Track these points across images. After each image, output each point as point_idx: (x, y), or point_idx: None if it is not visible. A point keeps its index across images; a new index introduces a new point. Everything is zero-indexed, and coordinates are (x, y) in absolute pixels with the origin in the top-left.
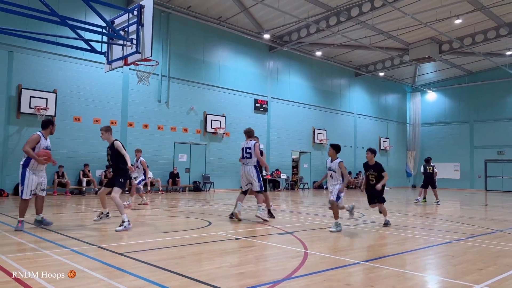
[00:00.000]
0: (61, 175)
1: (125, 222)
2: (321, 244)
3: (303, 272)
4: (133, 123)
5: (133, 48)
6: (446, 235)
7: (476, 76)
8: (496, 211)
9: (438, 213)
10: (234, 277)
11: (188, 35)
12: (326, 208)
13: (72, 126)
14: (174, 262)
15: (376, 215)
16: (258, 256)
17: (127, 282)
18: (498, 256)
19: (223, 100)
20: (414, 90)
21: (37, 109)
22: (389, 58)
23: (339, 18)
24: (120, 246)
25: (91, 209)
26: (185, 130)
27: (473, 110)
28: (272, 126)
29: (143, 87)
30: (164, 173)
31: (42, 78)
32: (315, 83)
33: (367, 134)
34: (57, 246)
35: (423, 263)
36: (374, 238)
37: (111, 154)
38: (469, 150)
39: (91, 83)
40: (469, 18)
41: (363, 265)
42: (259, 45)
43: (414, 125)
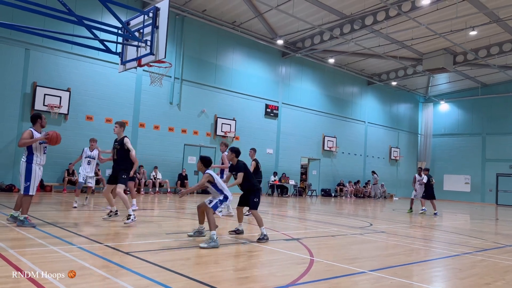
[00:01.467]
0: (71, 172)
1: (131, 215)
2: (328, 252)
3: (308, 279)
4: (144, 123)
5: (147, 50)
6: (455, 248)
7: (490, 89)
8: (506, 225)
9: (447, 226)
10: (238, 280)
11: (202, 38)
12: (334, 216)
13: (84, 124)
14: (179, 263)
15: (383, 224)
16: (263, 261)
17: (131, 281)
18: (507, 271)
19: (234, 104)
20: (426, 101)
21: (50, 106)
22: (402, 68)
23: (353, 26)
24: (126, 245)
25: (99, 207)
26: (196, 133)
27: (486, 122)
28: (282, 132)
29: (155, 88)
30: (173, 175)
31: (57, 77)
32: (327, 90)
33: (378, 143)
34: (64, 242)
35: (430, 275)
36: (382, 247)
37: (118, 148)
38: (480, 163)
39: (104, 83)
40: (485, 30)
41: (369, 274)
42: (272, 50)
43: (426, 135)
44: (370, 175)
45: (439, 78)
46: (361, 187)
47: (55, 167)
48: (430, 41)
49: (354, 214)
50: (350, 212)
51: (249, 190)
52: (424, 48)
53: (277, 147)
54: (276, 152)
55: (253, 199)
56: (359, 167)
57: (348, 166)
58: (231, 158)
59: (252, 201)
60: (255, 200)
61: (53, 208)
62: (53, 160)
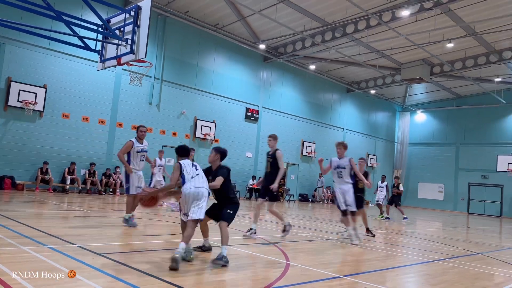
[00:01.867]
0: (45, 171)
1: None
2: (303, 257)
3: (283, 283)
4: (122, 123)
5: (128, 48)
6: (427, 254)
7: (465, 100)
8: (477, 234)
9: (421, 233)
10: (214, 284)
11: (184, 39)
12: (310, 220)
13: (60, 122)
14: (154, 266)
15: (359, 230)
16: (239, 265)
17: (104, 283)
18: (477, 278)
19: (215, 106)
20: (403, 110)
21: (25, 103)
22: (381, 77)
23: (334, 34)
24: (101, 247)
25: (73, 208)
26: (175, 134)
27: (460, 133)
28: (262, 136)
29: (134, 88)
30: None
31: (33, 72)
32: (307, 96)
33: (355, 150)
34: (35, 242)
35: (403, 281)
36: (357, 253)
37: (271, 162)
38: (454, 172)
39: (82, 81)
40: (461, 42)
41: (343, 279)
42: (254, 54)
43: (402, 144)
44: None
45: (416, 88)
46: None
47: (28, 165)
48: (409, 52)
49: (330, 219)
50: (326, 217)
51: (226, 201)
52: (402, 58)
53: (257, 151)
54: (256, 156)
55: (228, 210)
56: None
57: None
58: (213, 160)
59: (226, 212)
60: (229, 212)
61: (25, 207)
62: (27, 158)
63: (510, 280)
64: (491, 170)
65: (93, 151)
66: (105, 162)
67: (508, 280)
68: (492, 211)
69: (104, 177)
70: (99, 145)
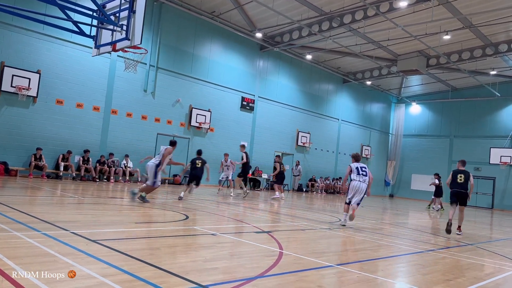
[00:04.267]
0: (39, 157)
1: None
2: (297, 245)
3: (277, 271)
4: (116, 110)
5: (123, 34)
6: (419, 245)
7: (460, 93)
8: (468, 225)
9: (413, 224)
10: (207, 271)
11: (180, 27)
12: (305, 210)
13: (54, 108)
14: (148, 253)
15: (352, 220)
16: (232, 253)
17: (98, 270)
18: (468, 269)
19: (210, 95)
20: (399, 101)
21: (19, 88)
22: (377, 68)
23: (331, 24)
24: (94, 233)
25: (66, 194)
26: (169, 122)
27: (454, 125)
28: (257, 125)
29: (129, 75)
30: (144, 164)
31: (27, 58)
32: (303, 86)
33: (350, 141)
34: (29, 228)
35: (395, 270)
36: (349, 242)
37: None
38: (447, 164)
39: (77, 67)
40: (458, 35)
41: (336, 268)
42: (251, 43)
43: (396, 135)
44: (341, 172)
45: (412, 80)
46: (331, 184)
47: (21, 151)
48: (406, 43)
49: (324, 209)
50: (320, 207)
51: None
52: (399, 49)
53: (252, 140)
54: (250, 145)
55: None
56: (331, 163)
57: (321, 162)
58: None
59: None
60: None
61: (18, 193)
62: (20, 144)
63: (500, 270)
64: (484, 163)
65: (87, 138)
66: (99, 149)
67: (498, 270)
68: (484, 203)
69: (98, 164)
70: (93, 132)
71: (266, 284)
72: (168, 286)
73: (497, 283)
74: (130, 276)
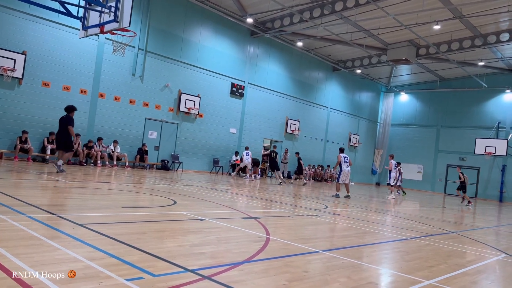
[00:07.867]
0: (24, 140)
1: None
2: (284, 231)
3: (263, 257)
4: (104, 94)
5: (111, 16)
6: (404, 232)
7: (448, 83)
8: (452, 213)
9: (398, 211)
10: (194, 256)
11: (170, 10)
12: (292, 197)
13: (40, 91)
14: (135, 237)
15: (338, 207)
16: (220, 238)
17: (84, 253)
18: (450, 256)
19: (200, 80)
20: (388, 90)
21: (3, 69)
22: (367, 56)
23: (323, 11)
24: (81, 217)
25: (53, 178)
26: (158, 107)
27: (441, 115)
28: (247, 112)
29: (117, 58)
30: (132, 149)
31: (12, 38)
32: (293, 74)
33: (338, 129)
34: (14, 211)
35: (379, 257)
36: (335, 229)
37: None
38: (433, 153)
39: (63, 49)
40: (448, 25)
41: (322, 254)
42: (241, 28)
43: (385, 124)
44: (329, 160)
45: (402, 69)
46: (320, 171)
47: (7, 133)
48: (396, 32)
49: (311, 197)
50: (307, 195)
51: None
52: (389, 38)
53: (241, 127)
54: (240, 132)
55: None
56: (319, 151)
57: (309, 149)
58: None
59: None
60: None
61: (3, 176)
62: (5, 126)
63: (481, 257)
64: (469, 153)
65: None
66: (86, 133)
67: (479, 258)
68: (468, 192)
69: (85, 148)
70: (80, 116)
71: (252, 269)
72: (154, 270)
73: (478, 270)
74: (117, 260)
